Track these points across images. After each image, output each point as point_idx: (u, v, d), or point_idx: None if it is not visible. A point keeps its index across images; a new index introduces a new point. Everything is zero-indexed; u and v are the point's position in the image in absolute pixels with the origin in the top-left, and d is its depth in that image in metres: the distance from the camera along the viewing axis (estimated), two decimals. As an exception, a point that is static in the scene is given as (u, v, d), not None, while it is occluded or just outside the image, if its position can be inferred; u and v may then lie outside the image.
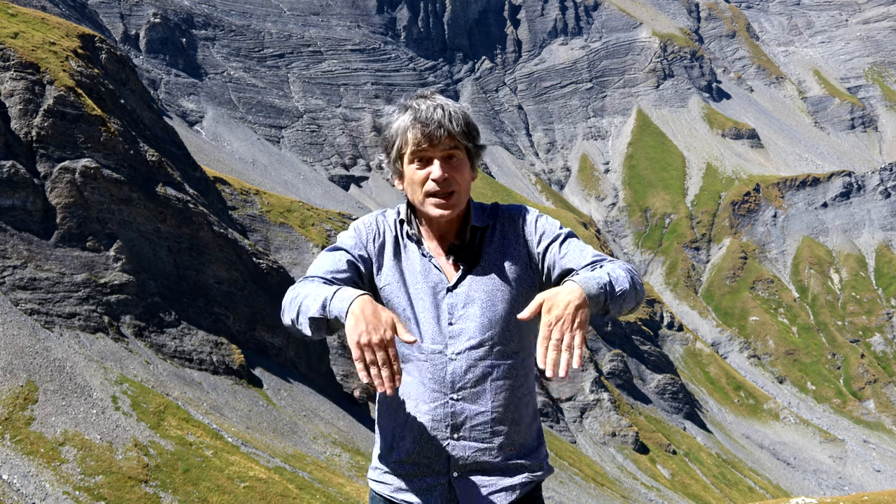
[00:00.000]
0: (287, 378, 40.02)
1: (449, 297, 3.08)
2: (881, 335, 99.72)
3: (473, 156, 3.13)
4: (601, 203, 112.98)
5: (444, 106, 3.04)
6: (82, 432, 28.20)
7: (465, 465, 3.06)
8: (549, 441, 58.27)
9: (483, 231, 3.17)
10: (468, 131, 3.07)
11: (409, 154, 3.07)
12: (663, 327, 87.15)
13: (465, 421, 3.04)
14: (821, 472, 77.51)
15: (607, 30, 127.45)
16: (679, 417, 74.00)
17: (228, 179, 56.72)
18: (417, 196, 3.09)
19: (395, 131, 3.08)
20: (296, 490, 29.35)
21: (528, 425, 3.16)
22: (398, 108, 3.11)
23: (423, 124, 3.01)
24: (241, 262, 41.73)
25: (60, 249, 34.81)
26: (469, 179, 3.13)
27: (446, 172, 3.03)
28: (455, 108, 3.06)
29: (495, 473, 3.08)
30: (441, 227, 3.16)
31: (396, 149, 3.10)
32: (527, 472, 3.13)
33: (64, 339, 32.40)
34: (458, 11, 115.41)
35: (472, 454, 3.05)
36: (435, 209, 3.06)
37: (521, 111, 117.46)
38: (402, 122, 3.07)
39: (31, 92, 35.86)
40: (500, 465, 3.08)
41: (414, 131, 3.03)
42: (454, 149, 3.05)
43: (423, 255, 3.15)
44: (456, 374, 3.04)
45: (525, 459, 3.13)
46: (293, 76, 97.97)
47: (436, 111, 3.02)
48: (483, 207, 3.24)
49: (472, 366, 3.04)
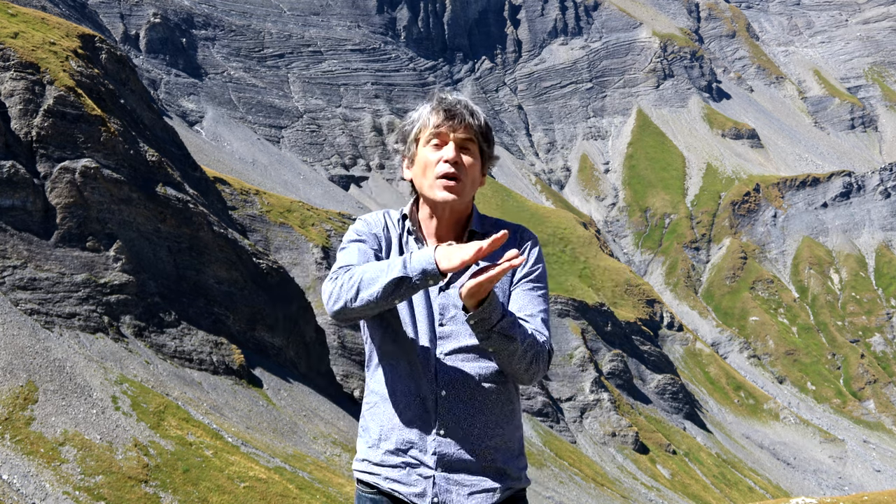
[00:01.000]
0: (287, 378, 40.01)
1: (441, 297, 3.14)
2: (881, 335, 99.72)
3: (486, 158, 3.24)
4: (601, 203, 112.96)
5: (467, 103, 3.21)
6: (82, 432, 28.20)
7: (450, 464, 3.09)
8: (549, 441, 58.26)
9: (482, 237, 3.22)
10: (485, 131, 3.21)
11: (427, 135, 3.19)
12: (663, 327, 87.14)
13: (451, 420, 3.08)
14: (821, 472, 77.52)
15: (607, 30, 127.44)
16: (679, 417, 74.01)
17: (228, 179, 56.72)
18: (427, 179, 3.17)
19: (418, 116, 3.23)
20: (296, 490, 29.35)
21: (511, 432, 3.21)
22: (425, 101, 3.27)
23: (445, 108, 3.16)
24: (241, 262, 41.73)
25: (60, 249, 34.81)
26: (477, 177, 3.23)
27: (459, 158, 3.14)
28: (478, 108, 3.23)
29: (478, 474, 3.11)
30: (441, 222, 3.22)
31: (415, 131, 3.22)
32: (509, 479, 3.17)
33: (64, 339, 32.40)
34: (458, 11, 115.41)
35: (456, 453, 3.09)
36: (441, 191, 3.13)
37: (521, 111, 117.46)
38: (425, 108, 3.22)
39: (31, 92, 35.86)
40: (483, 467, 3.12)
41: (436, 113, 3.17)
42: (469, 140, 3.17)
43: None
44: (445, 374, 3.10)
45: (508, 465, 3.17)
46: (293, 76, 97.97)
47: (460, 102, 3.19)
48: (486, 218, 3.32)
49: (461, 367, 3.10)
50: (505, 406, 3.16)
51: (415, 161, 3.22)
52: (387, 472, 3.17)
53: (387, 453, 3.18)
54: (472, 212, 3.28)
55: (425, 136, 3.18)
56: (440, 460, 3.09)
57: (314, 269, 54.23)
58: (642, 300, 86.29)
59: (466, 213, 3.26)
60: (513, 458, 3.20)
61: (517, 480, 3.20)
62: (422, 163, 3.18)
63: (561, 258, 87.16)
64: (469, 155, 3.17)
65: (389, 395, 3.19)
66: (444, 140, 3.16)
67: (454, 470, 3.10)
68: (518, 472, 3.21)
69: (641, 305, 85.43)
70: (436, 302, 3.14)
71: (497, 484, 3.13)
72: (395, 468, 3.15)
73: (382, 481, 3.18)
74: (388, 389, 3.20)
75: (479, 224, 3.26)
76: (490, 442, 3.12)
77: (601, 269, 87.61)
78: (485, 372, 3.12)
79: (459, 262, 2.74)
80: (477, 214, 3.28)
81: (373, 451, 3.22)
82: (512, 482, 3.17)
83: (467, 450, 3.09)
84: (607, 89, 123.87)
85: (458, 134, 3.14)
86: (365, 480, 3.24)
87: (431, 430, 3.10)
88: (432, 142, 3.17)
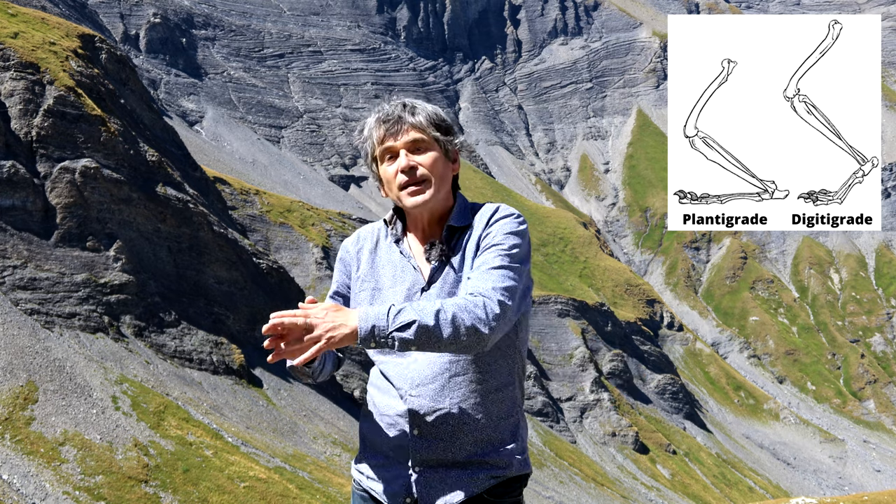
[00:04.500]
0: (287, 378, 40.01)
1: (424, 297, 3.11)
2: (881, 335, 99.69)
3: (445, 146, 3.17)
4: (601, 203, 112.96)
5: (406, 103, 3.15)
6: (82, 432, 28.20)
7: (426, 460, 3.08)
8: (549, 441, 58.25)
9: (462, 231, 3.18)
10: (434, 121, 3.14)
11: (379, 152, 3.16)
12: (663, 327, 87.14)
13: (423, 417, 3.06)
14: (821, 472, 77.51)
15: (607, 30, 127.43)
16: (679, 417, 74.00)
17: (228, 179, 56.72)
18: (394, 192, 3.15)
19: (365, 136, 3.20)
20: (296, 490, 29.35)
21: (495, 423, 3.12)
22: (368, 119, 3.23)
23: (383, 121, 3.12)
24: (241, 262, 41.72)
25: (60, 249, 34.81)
26: (445, 169, 3.17)
27: (412, 161, 3.10)
28: (419, 102, 3.16)
29: (455, 468, 3.07)
30: (424, 226, 3.20)
31: (370, 153, 3.20)
32: (490, 469, 3.09)
33: (64, 339, 32.40)
34: (458, 11, 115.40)
35: (431, 449, 3.07)
36: (409, 198, 3.11)
37: (521, 111, 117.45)
38: (368, 126, 3.19)
39: (31, 92, 35.85)
40: (462, 461, 3.07)
41: (377, 128, 3.14)
42: (418, 140, 3.12)
43: (401, 253, 3.20)
44: (416, 371, 3.08)
45: (491, 456, 3.10)
46: (293, 76, 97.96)
47: (396, 108, 3.14)
48: (470, 207, 3.25)
49: (431, 364, 3.07)
50: (487, 397, 3.10)
51: (382, 181, 3.22)
52: (367, 470, 3.21)
53: (368, 453, 3.22)
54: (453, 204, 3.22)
55: (378, 154, 3.16)
56: (415, 457, 3.08)
57: (314, 269, 54.25)
58: (642, 300, 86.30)
59: (448, 207, 3.21)
60: (496, 449, 3.11)
61: (504, 468, 3.11)
62: (386, 180, 3.17)
63: (561, 258, 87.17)
64: (423, 154, 3.12)
65: (374, 395, 3.21)
66: (394, 151, 3.13)
67: (431, 465, 3.08)
68: (508, 458, 3.12)
69: (641, 305, 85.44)
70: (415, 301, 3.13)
71: (476, 476, 3.08)
72: (378, 465, 3.18)
73: (364, 479, 3.22)
74: (374, 388, 3.23)
75: (460, 218, 3.19)
76: (466, 436, 3.07)
77: (601, 269, 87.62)
78: (457, 364, 3.07)
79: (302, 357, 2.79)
80: (459, 207, 3.21)
81: (361, 451, 3.28)
82: (498, 471, 3.10)
83: (441, 446, 3.06)
84: (607, 89, 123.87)
85: (403, 139, 3.10)
86: (355, 479, 3.29)
87: (405, 428, 3.09)
88: (386, 157, 3.15)
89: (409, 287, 3.14)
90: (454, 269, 3.12)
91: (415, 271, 3.15)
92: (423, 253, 3.18)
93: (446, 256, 3.14)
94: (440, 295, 3.08)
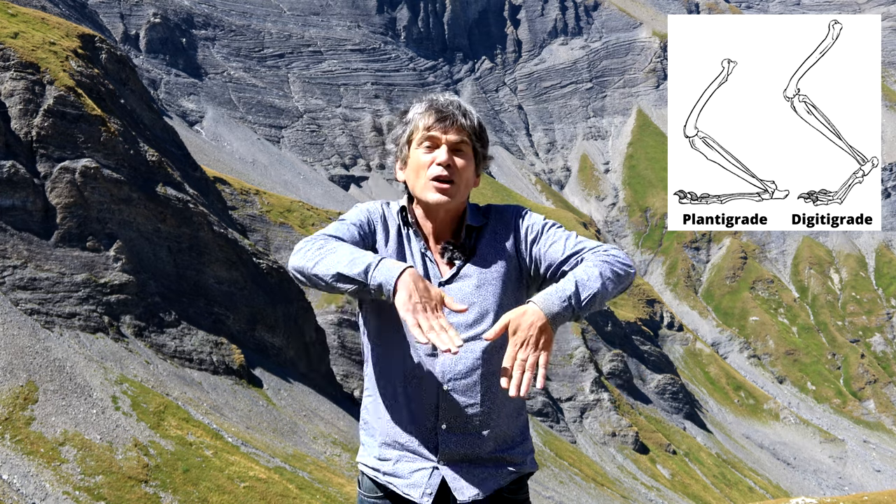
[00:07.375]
0: (287, 378, 40.01)
1: (441, 290, 3.10)
2: (881, 335, 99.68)
3: (479, 158, 3.22)
4: (601, 203, 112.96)
5: (460, 103, 3.18)
6: (82, 432, 28.20)
7: (452, 455, 3.10)
8: (549, 441, 58.27)
9: (479, 230, 3.22)
10: (479, 132, 3.18)
11: (419, 137, 3.15)
12: (663, 327, 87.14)
13: (452, 412, 3.08)
14: (821, 472, 77.51)
15: (607, 30, 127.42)
16: (679, 417, 74.00)
17: (228, 179, 56.73)
18: (419, 181, 3.15)
19: (410, 117, 3.20)
20: (296, 490, 29.35)
21: (514, 419, 3.21)
22: (417, 102, 3.23)
23: (437, 109, 3.13)
24: (241, 262, 41.72)
25: (60, 249, 34.81)
26: (471, 178, 3.20)
27: (451, 160, 3.12)
28: (471, 108, 3.20)
29: (480, 464, 3.12)
30: (436, 222, 3.21)
31: (408, 133, 3.19)
32: (511, 465, 3.18)
33: (64, 339, 32.40)
34: (458, 11, 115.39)
35: (458, 444, 3.09)
36: (434, 194, 3.11)
37: (521, 111, 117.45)
38: (417, 109, 3.19)
39: (31, 92, 35.85)
40: (485, 457, 3.13)
41: (428, 115, 3.14)
42: (462, 142, 3.14)
43: (422, 247, 3.21)
44: (445, 366, 3.08)
45: (509, 453, 3.18)
46: (293, 76, 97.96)
47: (452, 103, 3.16)
48: (478, 208, 3.30)
49: (462, 359, 3.08)
50: (506, 394, 3.12)
51: (407, 163, 3.20)
52: (388, 465, 3.18)
53: (386, 447, 3.19)
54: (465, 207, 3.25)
55: (417, 138, 3.15)
56: (443, 453, 3.10)
57: (314, 269, 54.11)
58: (642, 300, 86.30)
59: (461, 210, 3.24)
60: (516, 445, 3.22)
61: (521, 465, 3.22)
62: (414, 165, 3.16)
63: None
64: (462, 157, 3.15)
65: (389, 389, 3.18)
66: (436, 142, 3.13)
67: (456, 461, 3.10)
68: (522, 457, 3.23)
69: (641, 305, 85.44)
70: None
71: (499, 472, 3.15)
72: (398, 459, 3.16)
73: (381, 476, 3.19)
74: (387, 383, 3.19)
75: (475, 218, 3.23)
76: (491, 431, 3.13)
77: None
78: (486, 361, 3.10)
79: (405, 309, 2.74)
80: (471, 209, 3.26)
81: (373, 447, 3.23)
82: (517, 467, 3.20)
83: (468, 441, 3.10)
84: (607, 89, 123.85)
85: (451, 136, 3.12)
86: (368, 475, 3.25)
87: (434, 424, 3.10)
88: (424, 144, 3.14)
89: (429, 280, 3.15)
90: (474, 266, 3.15)
91: (434, 265, 3.18)
92: (439, 248, 3.20)
93: (470, 253, 3.18)
94: (461, 289, 3.11)
